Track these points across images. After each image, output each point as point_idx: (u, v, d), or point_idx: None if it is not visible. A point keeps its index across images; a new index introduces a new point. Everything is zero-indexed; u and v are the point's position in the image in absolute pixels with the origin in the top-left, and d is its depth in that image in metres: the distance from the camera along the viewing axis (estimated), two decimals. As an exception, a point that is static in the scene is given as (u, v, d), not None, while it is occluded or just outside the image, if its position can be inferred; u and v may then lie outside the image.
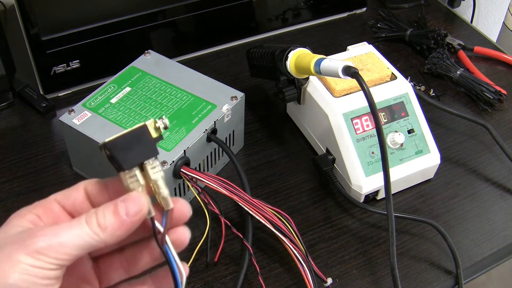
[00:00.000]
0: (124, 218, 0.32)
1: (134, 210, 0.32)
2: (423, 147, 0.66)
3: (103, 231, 0.31)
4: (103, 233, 0.31)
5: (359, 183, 0.63)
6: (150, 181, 0.34)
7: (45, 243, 0.30)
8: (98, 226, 0.31)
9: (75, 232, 0.31)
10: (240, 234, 0.57)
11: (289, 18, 0.91)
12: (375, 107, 0.52)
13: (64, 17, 0.73)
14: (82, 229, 0.31)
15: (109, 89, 0.66)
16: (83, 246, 0.31)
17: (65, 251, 0.30)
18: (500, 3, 1.18)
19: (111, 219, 0.32)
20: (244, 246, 0.56)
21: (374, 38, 0.91)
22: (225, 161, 0.69)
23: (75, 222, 0.32)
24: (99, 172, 0.60)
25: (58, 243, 0.30)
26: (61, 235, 0.31)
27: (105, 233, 0.31)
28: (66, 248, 0.31)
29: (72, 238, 0.31)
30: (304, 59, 0.60)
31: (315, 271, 0.55)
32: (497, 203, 0.67)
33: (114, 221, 0.32)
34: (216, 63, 0.86)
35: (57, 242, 0.30)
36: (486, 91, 0.79)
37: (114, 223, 0.32)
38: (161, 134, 0.35)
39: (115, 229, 0.32)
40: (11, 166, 0.68)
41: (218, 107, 0.65)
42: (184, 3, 0.80)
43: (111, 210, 0.32)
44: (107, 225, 0.31)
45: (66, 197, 0.35)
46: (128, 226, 0.32)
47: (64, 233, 0.31)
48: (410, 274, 0.60)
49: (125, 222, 0.32)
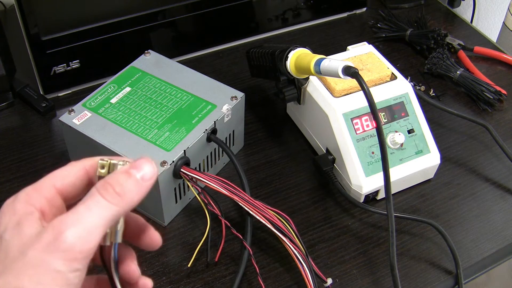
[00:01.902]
0: (140, 181, 0.31)
1: (150, 173, 0.31)
2: (423, 147, 0.66)
3: (122, 198, 0.30)
4: (123, 201, 0.30)
5: (359, 183, 0.63)
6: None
7: (74, 238, 0.28)
8: (116, 195, 0.30)
9: (97, 212, 0.29)
10: (239, 234, 0.57)
11: (289, 18, 0.91)
12: (375, 107, 0.52)
13: (64, 17, 0.73)
14: (101, 206, 0.30)
15: (109, 89, 0.66)
16: (106, 223, 0.30)
17: (93, 237, 0.29)
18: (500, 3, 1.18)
19: (128, 184, 0.31)
20: (244, 246, 0.56)
21: (374, 38, 0.91)
22: (225, 161, 0.69)
23: (90, 202, 0.30)
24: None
25: (86, 232, 0.29)
26: (85, 221, 0.29)
27: (124, 200, 0.30)
28: (93, 234, 0.29)
29: (96, 220, 0.29)
30: (304, 59, 0.60)
31: (315, 271, 0.55)
32: (497, 203, 0.67)
33: (131, 186, 0.31)
34: (216, 63, 0.86)
35: (85, 230, 0.29)
36: (486, 91, 0.79)
37: (131, 188, 0.31)
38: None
39: (134, 194, 0.31)
40: (11, 166, 0.68)
41: (218, 107, 0.65)
42: (184, 3, 0.80)
43: (125, 176, 0.31)
44: (125, 191, 0.30)
45: (66, 181, 0.33)
46: (144, 190, 0.31)
47: (87, 217, 0.29)
48: (410, 274, 0.60)
49: (142, 186, 0.31)
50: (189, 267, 0.58)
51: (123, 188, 0.30)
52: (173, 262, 0.59)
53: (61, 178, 0.33)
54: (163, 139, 0.60)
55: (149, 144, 0.60)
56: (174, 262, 0.59)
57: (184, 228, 0.63)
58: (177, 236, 0.62)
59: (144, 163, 0.32)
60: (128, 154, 0.58)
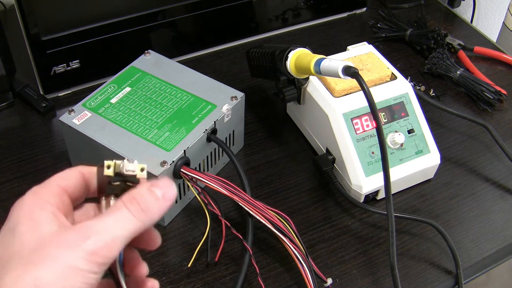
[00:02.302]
0: (161, 201, 0.33)
1: (171, 194, 0.34)
2: (423, 147, 0.66)
3: (146, 215, 0.32)
4: (146, 217, 0.32)
5: (359, 183, 0.63)
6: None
7: (100, 243, 0.30)
8: (141, 211, 0.32)
9: (122, 225, 0.31)
10: (239, 235, 0.57)
11: (289, 18, 0.91)
12: (375, 107, 0.52)
13: (64, 17, 0.73)
14: (127, 219, 0.32)
15: (109, 89, 0.66)
16: (128, 235, 0.31)
17: (116, 246, 0.31)
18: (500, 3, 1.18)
19: (152, 202, 0.33)
20: (244, 247, 0.56)
21: (374, 38, 0.91)
22: (225, 161, 0.69)
23: (117, 213, 0.32)
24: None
25: (111, 240, 0.30)
26: (111, 231, 0.31)
27: (148, 217, 0.32)
28: (117, 243, 0.31)
29: (121, 232, 0.31)
30: (304, 59, 0.60)
31: (315, 271, 0.55)
32: (497, 203, 0.67)
33: (154, 203, 0.33)
34: (216, 63, 0.86)
35: (110, 238, 0.30)
36: (486, 91, 0.79)
37: (154, 206, 0.33)
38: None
39: (155, 212, 0.33)
40: (11, 166, 0.68)
41: (218, 107, 0.65)
42: (184, 3, 0.80)
43: (148, 193, 0.33)
44: (149, 208, 0.32)
45: (68, 183, 0.35)
46: (164, 210, 0.33)
47: (113, 227, 0.31)
48: (410, 274, 0.60)
49: (163, 205, 0.33)
50: (189, 267, 0.58)
51: (147, 205, 0.32)
52: (173, 262, 0.59)
53: (63, 179, 0.35)
54: (163, 139, 0.60)
55: (149, 144, 0.60)
56: (174, 262, 0.59)
57: (184, 228, 0.63)
58: (177, 236, 0.62)
59: (165, 184, 0.34)
60: (128, 154, 0.58)
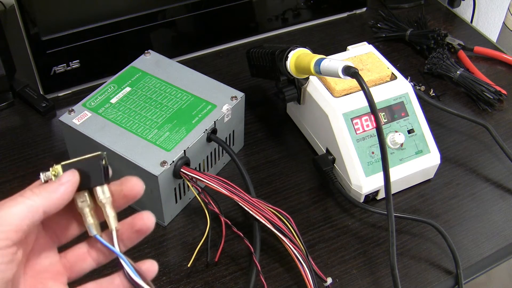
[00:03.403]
0: (56, 184, 0.36)
1: (66, 176, 0.36)
2: (423, 147, 0.66)
3: (37, 196, 0.35)
4: (37, 198, 0.35)
5: (359, 183, 0.63)
6: (99, 203, 0.37)
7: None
8: (32, 194, 0.35)
9: (14, 209, 0.34)
10: (240, 233, 0.57)
11: (289, 18, 0.91)
12: (375, 107, 0.52)
13: (64, 17, 0.73)
14: (19, 200, 0.34)
15: (109, 89, 0.66)
16: (22, 215, 0.34)
17: (8, 225, 0.33)
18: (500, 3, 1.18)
19: (45, 186, 0.36)
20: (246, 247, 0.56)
21: (374, 38, 0.91)
22: (225, 161, 0.69)
23: (13, 197, 0.35)
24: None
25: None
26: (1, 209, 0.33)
27: (39, 197, 0.35)
28: (7, 223, 0.33)
29: (10, 214, 0.33)
30: (304, 59, 0.60)
31: (315, 271, 0.55)
32: (497, 203, 0.67)
33: (47, 187, 0.35)
34: (216, 63, 0.86)
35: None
36: (486, 91, 0.79)
37: (47, 189, 0.35)
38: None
39: (49, 193, 0.35)
40: (11, 166, 0.68)
41: (218, 107, 0.65)
42: (184, 3, 0.80)
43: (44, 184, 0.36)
44: (40, 191, 0.35)
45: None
46: (61, 192, 0.36)
47: (2, 211, 0.33)
48: (410, 274, 0.60)
49: (58, 188, 0.36)
50: (189, 267, 0.58)
51: (40, 190, 0.35)
52: (173, 262, 0.59)
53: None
54: (163, 139, 0.60)
55: (149, 144, 0.60)
56: (174, 262, 0.59)
57: (184, 228, 0.63)
58: (177, 236, 0.62)
59: (67, 173, 0.37)
60: (128, 154, 0.58)
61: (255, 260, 0.56)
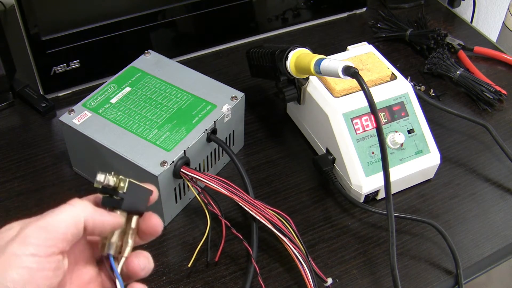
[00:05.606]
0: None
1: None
2: (423, 147, 0.66)
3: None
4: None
5: (359, 183, 0.63)
6: (127, 229, 0.39)
7: (33, 229, 0.33)
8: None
9: (60, 216, 0.34)
10: (239, 235, 0.57)
11: (289, 18, 0.91)
12: (375, 107, 0.52)
13: (64, 17, 0.73)
14: (67, 211, 0.34)
15: (109, 89, 0.66)
16: (69, 227, 0.34)
17: (54, 232, 0.33)
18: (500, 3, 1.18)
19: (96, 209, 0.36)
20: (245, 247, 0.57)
21: (374, 38, 0.91)
22: (225, 161, 0.69)
23: (61, 207, 0.35)
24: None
25: (45, 226, 0.33)
26: (46, 220, 0.33)
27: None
28: (54, 230, 0.33)
29: (57, 222, 0.34)
30: (304, 59, 0.60)
31: (315, 271, 0.55)
32: (497, 203, 0.67)
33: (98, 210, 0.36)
34: (216, 63, 0.86)
35: (44, 225, 0.33)
36: (486, 91, 0.79)
37: (97, 213, 0.36)
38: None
39: (98, 218, 0.36)
40: (11, 166, 0.68)
41: (218, 107, 0.65)
42: (184, 3, 0.80)
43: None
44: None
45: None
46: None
47: (49, 217, 0.34)
48: (410, 274, 0.60)
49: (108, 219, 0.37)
50: (189, 267, 0.58)
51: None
52: (173, 262, 0.59)
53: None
54: (163, 139, 0.60)
55: (149, 144, 0.60)
56: (174, 262, 0.59)
57: (184, 228, 0.63)
58: (177, 236, 0.62)
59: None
60: (128, 154, 0.58)
61: (253, 261, 0.56)
